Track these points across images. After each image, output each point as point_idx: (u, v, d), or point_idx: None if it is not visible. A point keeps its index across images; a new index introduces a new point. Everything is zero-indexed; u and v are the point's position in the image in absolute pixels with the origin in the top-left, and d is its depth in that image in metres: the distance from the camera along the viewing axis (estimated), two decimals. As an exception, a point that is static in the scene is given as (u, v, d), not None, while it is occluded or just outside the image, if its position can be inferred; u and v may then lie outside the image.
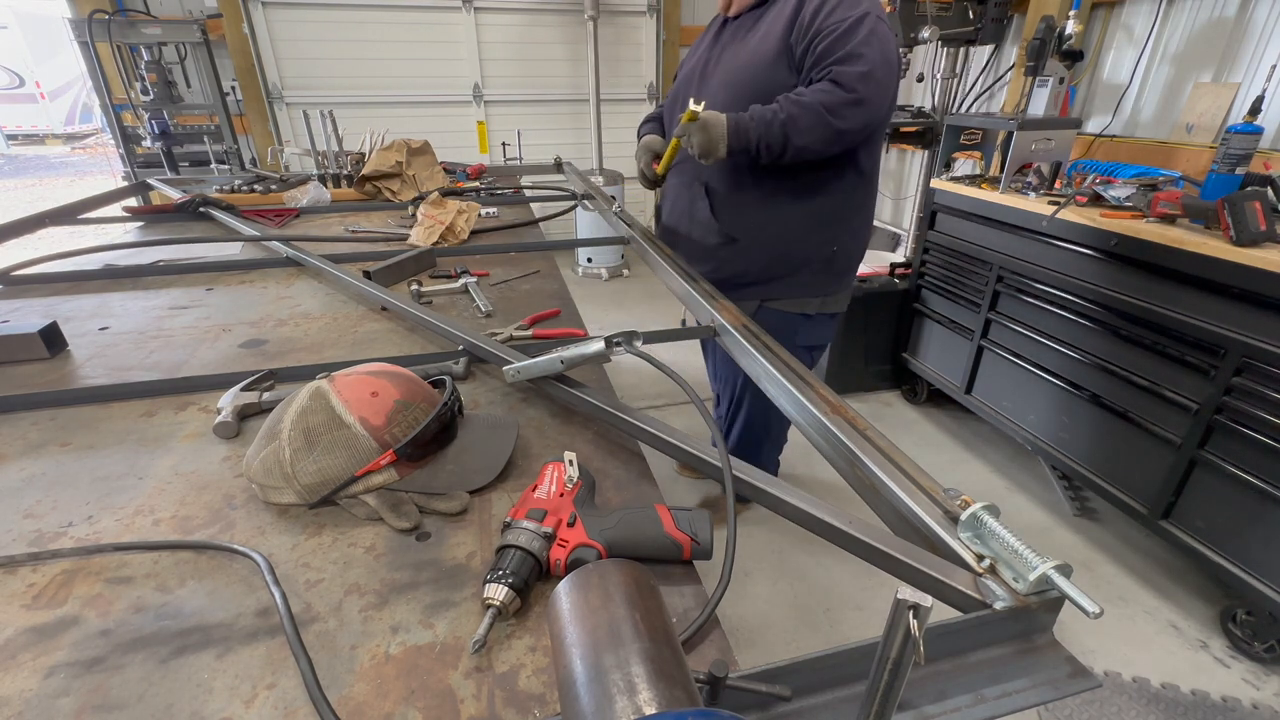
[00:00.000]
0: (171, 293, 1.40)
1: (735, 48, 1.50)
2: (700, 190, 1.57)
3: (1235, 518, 1.64)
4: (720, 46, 1.56)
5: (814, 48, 1.31)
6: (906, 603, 0.35)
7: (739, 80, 1.45)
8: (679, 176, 1.64)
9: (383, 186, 2.17)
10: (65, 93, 12.24)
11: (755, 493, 0.68)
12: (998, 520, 0.55)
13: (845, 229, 1.56)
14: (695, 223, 1.61)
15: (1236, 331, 1.59)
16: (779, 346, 0.97)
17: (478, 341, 1.02)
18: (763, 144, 1.33)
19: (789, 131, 1.30)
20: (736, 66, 1.46)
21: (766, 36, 1.40)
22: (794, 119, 1.29)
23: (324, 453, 0.70)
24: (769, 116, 1.31)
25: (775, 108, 1.31)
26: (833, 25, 1.28)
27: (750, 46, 1.45)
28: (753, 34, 1.45)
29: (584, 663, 0.38)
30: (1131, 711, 1.52)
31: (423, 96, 4.46)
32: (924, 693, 0.48)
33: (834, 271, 1.60)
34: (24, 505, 0.73)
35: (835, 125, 1.29)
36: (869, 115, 1.30)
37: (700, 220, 1.59)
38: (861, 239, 1.64)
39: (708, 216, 1.57)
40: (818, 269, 1.58)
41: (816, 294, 1.62)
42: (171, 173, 3.58)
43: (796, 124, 1.29)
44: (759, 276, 1.59)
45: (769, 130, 1.31)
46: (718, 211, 1.56)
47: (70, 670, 0.53)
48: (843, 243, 1.57)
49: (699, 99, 1.43)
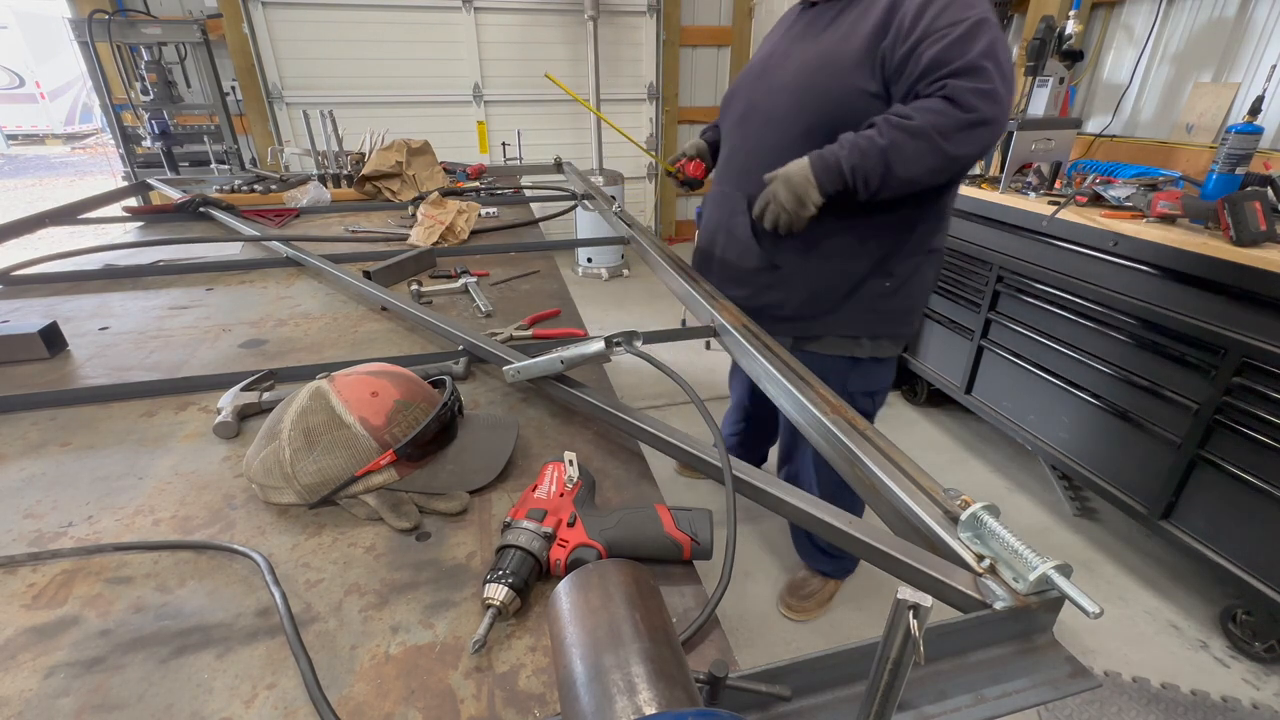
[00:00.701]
0: (171, 293, 1.40)
1: (808, 44, 1.27)
2: (741, 202, 1.36)
3: (1235, 518, 1.64)
4: (790, 40, 1.33)
5: (919, 55, 1.09)
6: (906, 603, 0.35)
7: (807, 84, 1.23)
8: (721, 183, 1.47)
9: (383, 186, 2.17)
10: (65, 93, 12.25)
11: (755, 493, 0.68)
12: (998, 520, 0.55)
13: (907, 259, 1.32)
14: (732, 240, 1.40)
15: (1236, 331, 1.58)
16: (779, 346, 0.97)
17: (478, 341, 1.02)
18: (859, 177, 1.12)
19: (892, 161, 1.09)
20: (807, 67, 1.24)
21: (849, 36, 1.18)
22: (898, 146, 1.08)
23: (324, 453, 0.70)
24: (865, 144, 1.11)
25: (873, 134, 1.11)
26: (944, 29, 1.07)
27: (826, 45, 1.22)
28: (831, 30, 1.23)
29: (584, 663, 0.38)
30: (1131, 711, 1.52)
31: (423, 96, 4.47)
32: (924, 693, 0.48)
33: (888, 310, 1.36)
34: (24, 505, 0.73)
35: (949, 152, 1.08)
36: (989, 139, 1.10)
37: (738, 238, 1.38)
38: (926, 273, 1.37)
39: (747, 234, 1.36)
40: (868, 305, 1.35)
41: (864, 335, 1.39)
42: (171, 173, 3.58)
43: (902, 152, 1.09)
44: (799, 310, 1.37)
45: (866, 160, 1.11)
46: (759, 229, 1.34)
47: (70, 670, 0.53)
48: (902, 275, 1.33)
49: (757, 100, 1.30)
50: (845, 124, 1.18)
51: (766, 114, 1.31)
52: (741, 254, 1.39)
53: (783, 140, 1.26)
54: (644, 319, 3.97)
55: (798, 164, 1.17)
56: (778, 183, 1.19)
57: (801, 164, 1.17)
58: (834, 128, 1.19)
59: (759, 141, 1.32)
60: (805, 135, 1.23)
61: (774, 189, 1.20)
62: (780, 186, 1.18)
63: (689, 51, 4.97)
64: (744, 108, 1.38)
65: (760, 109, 1.33)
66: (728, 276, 1.42)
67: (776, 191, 1.19)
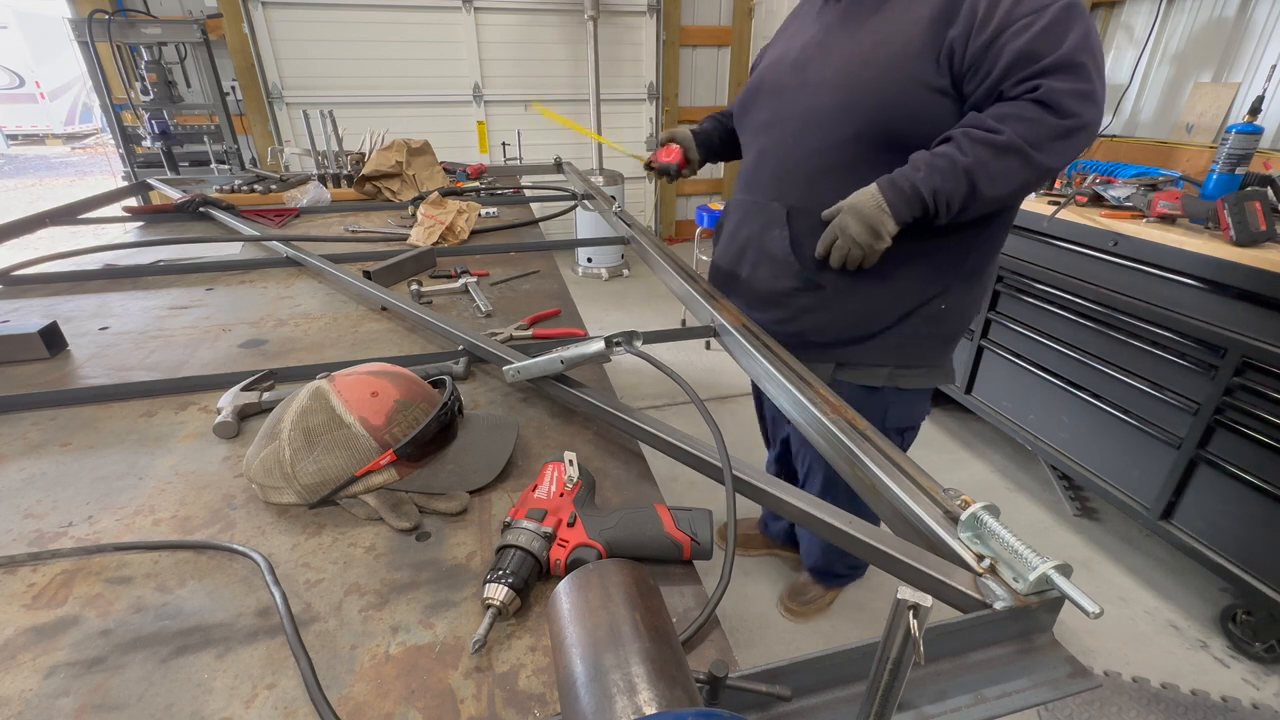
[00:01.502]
0: (171, 293, 1.40)
1: (852, 33, 1.10)
2: (779, 214, 1.19)
3: (1235, 518, 1.64)
4: (826, 28, 1.15)
5: (999, 47, 0.94)
6: (906, 603, 0.35)
7: (859, 80, 1.06)
8: (749, 192, 1.27)
9: (383, 186, 2.17)
10: (65, 93, 12.25)
11: (755, 493, 0.68)
12: (998, 520, 0.55)
13: (963, 278, 1.17)
14: (765, 257, 1.23)
15: (1236, 331, 1.58)
16: (779, 346, 0.97)
17: (478, 341, 1.02)
18: (940, 202, 0.98)
19: (978, 181, 0.95)
20: (854, 60, 1.07)
21: (904, 22, 1.02)
22: (984, 164, 0.94)
23: (324, 453, 0.70)
24: (944, 164, 0.96)
25: (952, 151, 0.96)
26: (1027, 16, 0.92)
27: (876, 33, 1.06)
28: (881, 16, 1.06)
29: (584, 663, 0.38)
30: (1131, 711, 1.52)
31: (423, 96, 4.46)
32: (924, 693, 0.48)
33: (939, 335, 1.23)
34: (24, 505, 0.73)
35: (1043, 164, 0.94)
36: (1084, 145, 0.96)
37: (773, 254, 1.21)
38: (977, 291, 1.23)
39: (785, 250, 1.19)
40: (918, 330, 1.20)
41: (913, 363, 1.24)
42: (171, 173, 3.58)
43: (989, 170, 0.94)
44: (842, 334, 1.21)
45: (947, 182, 0.96)
46: (800, 244, 1.17)
47: (70, 670, 0.53)
48: (957, 296, 1.19)
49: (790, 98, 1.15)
50: (903, 125, 1.04)
51: (804, 115, 1.14)
52: (778, 273, 1.21)
53: (827, 144, 1.11)
54: (644, 319, 3.97)
55: (865, 193, 1.02)
56: (846, 215, 1.03)
57: (870, 192, 1.01)
58: (889, 129, 1.05)
59: (797, 146, 1.16)
60: (855, 138, 1.08)
61: (843, 222, 1.04)
62: (850, 219, 1.02)
63: (689, 51, 4.97)
64: (774, 107, 1.21)
65: (796, 109, 1.16)
66: (758, 298, 1.25)
67: (846, 225, 1.03)
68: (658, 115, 5.00)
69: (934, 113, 1.02)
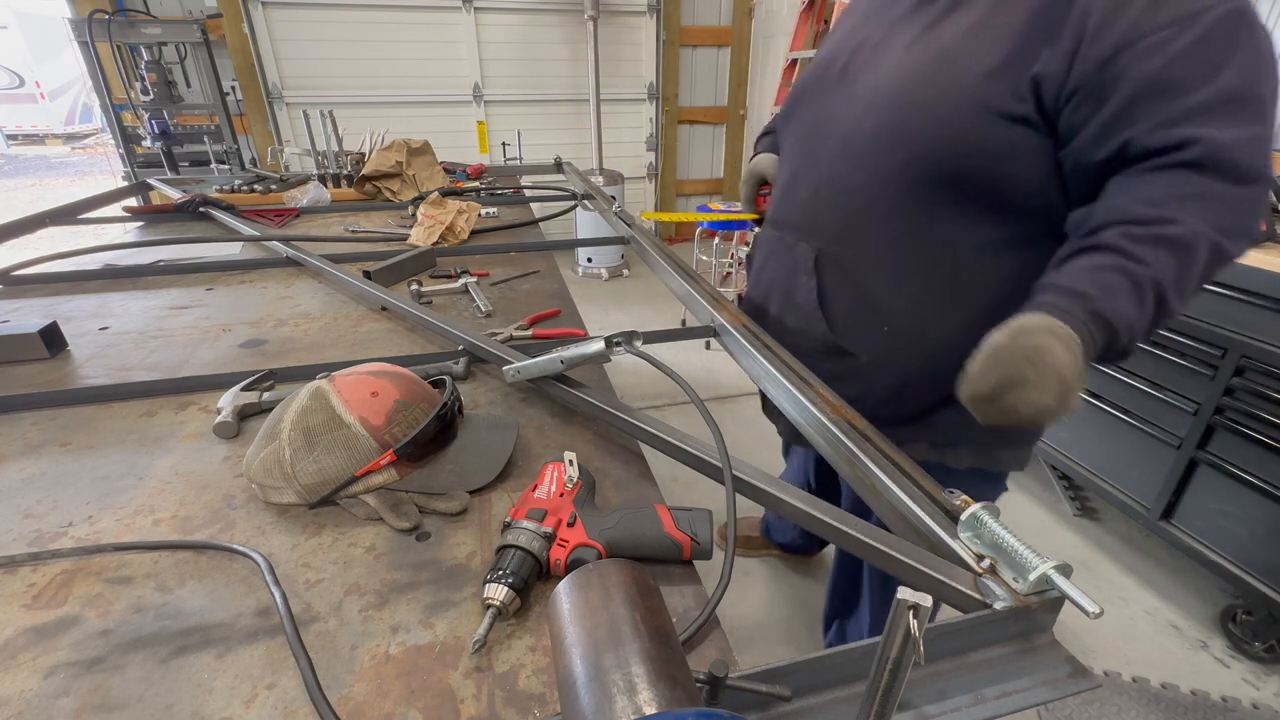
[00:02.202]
0: (171, 293, 1.40)
1: (916, 35, 0.86)
2: (807, 258, 0.97)
3: (1235, 518, 1.64)
4: (890, 24, 0.91)
5: (1122, 68, 0.68)
6: (906, 603, 0.35)
7: (912, 100, 0.83)
8: (778, 225, 1.08)
9: (383, 186, 2.17)
10: (65, 93, 12.26)
11: (755, 493, 0.68)
12: (998, 520, 0.55)
13: None
14: (791, 306, 1.03)
15: (1236, 331, 1.58)
16: (779, 346, 0.96)
17: (478, 341, 1.02)
18: (1136, 333, 0.68)
19: (1169, 297, 0.66)
20: (912, 74, 0.84)
21: (987, 27, 0.78)
22: (1176, 281, 0.66)
23: (324, 453, 0.70)
24: (1120, 280, 0.66)
25: (1128, 265, 0.66)
26: (1167, 29, 0.66)
27: (946, 40, 0.82)
28: (958, 16, 0.82)
29: (584, 663, 0.38)
30: (1131, 711, 1.52)
31: (423, 96, 4.47)
32: (924, 693, 0.48)
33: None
34: (24, 505, 0.73)
35: (1238, 252, 0.69)
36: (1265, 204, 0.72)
37: (799, 306, 1.00)
38: None
39: (811, 304, 0.98)
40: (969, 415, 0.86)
41: (976, 443, 0.97)
42: (171, 173, 3.58)
43: (1179, 279, 0.66)
44: (879, 409, 0.87)
45: (1131, 304, 0.66)
46: (829, 298, 0.96)
47: (70, 670, 0.53)
48: None
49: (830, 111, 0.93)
50: (965, 162, 0.80)
51: (846, 137, 0.91)
52: (802, 327, 1.01)
53: (868, 177, 0.88)
54: (644, 319, 3.97)
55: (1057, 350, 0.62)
56: (1036, 389, 0.62)
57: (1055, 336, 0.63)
58: (946, 166, 0.82)
59: (833, 176, 0.94)
60: (902, 174, 0.85)
61: (1034, 397, 0.63)
62: (1045, 388, 0.62)
63: (689, 51, 4.97)
64: (812, 122, 0.99)
65: (836, 128, 0.93)
66: (787, 345, 0.98)
67: (1036, 400, 0.63)
68: (658, 115, 5.01)
69: (1010, 149, 0.77)
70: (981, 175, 0.81)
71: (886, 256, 0.90)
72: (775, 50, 4.53)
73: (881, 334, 0.93)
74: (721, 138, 5.35)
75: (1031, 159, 0.78)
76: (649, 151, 5.15)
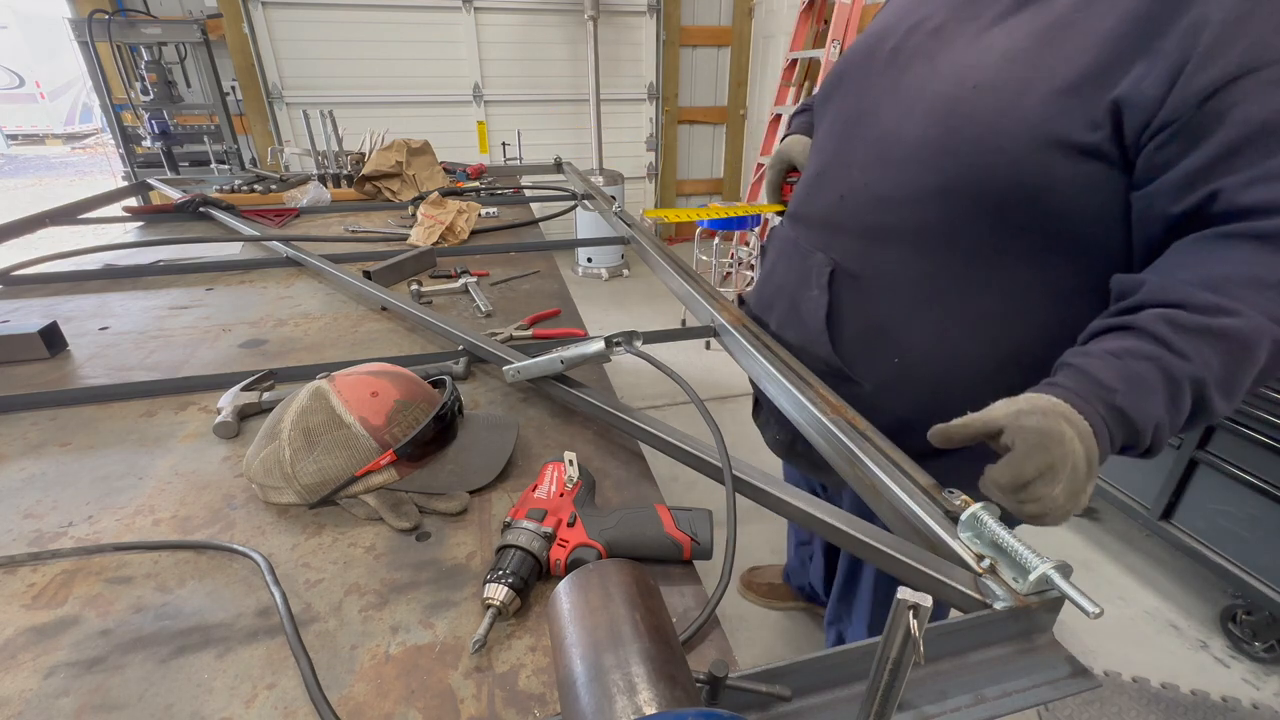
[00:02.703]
0: (171, 293, 1.40)
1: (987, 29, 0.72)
2: (822, 269, 0.88)
3: (1235, 518, 1.64)
4: (952, 6, 0.77)
5: (1228, 105, 0.55)
6: (906, 603, 0.35)
7: (963, 113, 0.71)
8: (796, 221, 0.97)
9: (383, 186, 2.17)
10: (65, 93, 12.26)
11: (755, 493, 0.68)
12: (997, 520, 0.55)
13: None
14: (795, 319, 0.94)
15: (1236, 331, 1.58)
16: (779, 346, 0.96)
17: (478, 341, 1.02)
18: (1161, 435, 0.58)
19: (1211, 397, 0.58)
20: (969, 78, 0.71)
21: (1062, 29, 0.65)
22: (1224, 381, 0.57)
23: (324, 453, 0.70)
24: (1157, 378, 0.56)
25: (1165, 357, 0.56)
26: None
27: (1015, 41, 0.68)
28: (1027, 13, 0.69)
29: (584, 663, 0.38)
30: (1131, 711, 1.52)
31: (423, 96, 4.46)
32: (924, 693, 0.48)
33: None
34: (24, 505, 0.73)
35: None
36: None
37: (805, 321, 0.92)
38: None
39: (819, 322, 0.89)
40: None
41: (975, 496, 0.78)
42: (171, 173, 3.58)
43: (1229, 386, 0.58)
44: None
45: (1161, 402, 0.57)
46: (840, 319, 0.88)
47: (70, 670, 0.53)
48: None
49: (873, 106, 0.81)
50: (1010, 195, 0.69)
51: (881, 141, 0.80)
52: (806, 341, 0.92)
53: (900, 192, 0.78)
54: (644, 319, 3.97)
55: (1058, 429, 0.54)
56: (1046, 483, 0.54)
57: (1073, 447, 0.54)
58: (988, 196, 0.70)
59: (864, 184, 0.82)
60: (938, 196, 0.74)
61: (1044, 492, 0.54)
62: (1058, 483, 0.54)
63: (689, 51, 4.97)
64: (851, 112, 0.87)
65: (873, 126, 0.82)
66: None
67: (1047, 496, 0.54)
68: (658, 115, 5.01)
69: (1072, 185, 0.65)
70: (1033, 210, 0.69)
71: (907, 283, 0.80)
72: (775, 50, 4.53)
73: (890, 365, 0.85)
74: (721, 138, 5.36)
75: (1096, 198, 0.65)
76: (649, 151, 5.16)
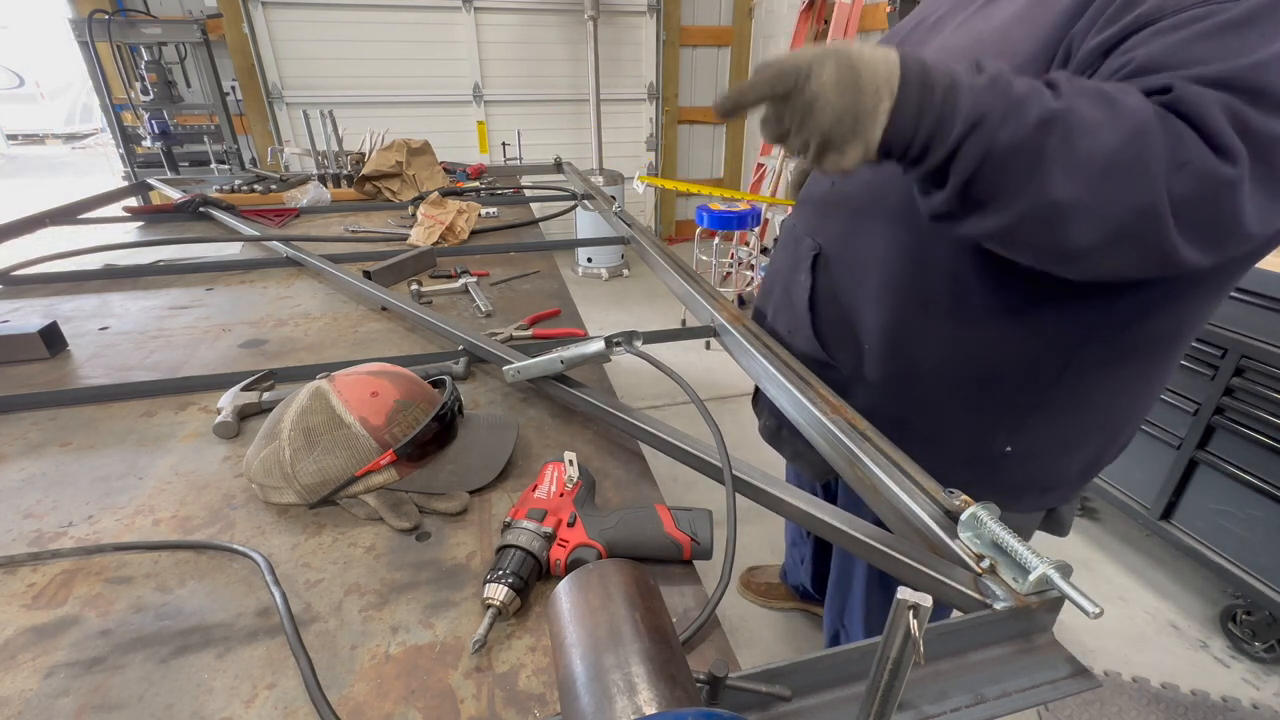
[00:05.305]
0: (171, 293, 1.40)
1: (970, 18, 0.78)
2: (807, 254, 0.89)
3: (1235, 518, 1.64)
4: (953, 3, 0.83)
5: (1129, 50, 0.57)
6: (906, 603, 0.35)
7: None
8: (798, 210, 0.98)
9: (383, 186, 2.17)
10: (65, 93, 12.23)
11: (755, 493, 0.68)
12: (997, 520, 0.55)
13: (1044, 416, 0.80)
14: (786, 305, 0.95)
15: (1236, 331, 1.58)
16: (779, 346, 0.96)
17: (478, 341, 1.02)
18: (976, 148, 0.54)
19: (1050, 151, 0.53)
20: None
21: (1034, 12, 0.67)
22: (1083, 123, 0.52)
23: (324, 453, 0.70)
24: (1019, 93, 0.53)
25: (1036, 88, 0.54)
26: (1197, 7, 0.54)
27: (994, 23, 0.72)
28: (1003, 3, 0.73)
29: (584, 663, 0.38)
30: (1131, 711, 1.52)
31: (423, 96, 4.46)
32: (924, 693, 0.48)
33: (1000, 484, 0.84)
34: (24, 505, 0.73)
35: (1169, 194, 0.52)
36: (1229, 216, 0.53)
37: (793, 305, 0.93)
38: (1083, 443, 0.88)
39: (804, 306, 0.90)
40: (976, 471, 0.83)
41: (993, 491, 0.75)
42: (171, 172, 3.58)
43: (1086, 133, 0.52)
44: None
45: (1010, 121, 0.53)
46: (819, 305, 0.89)
47: (70, 670, 0.53)
48: (1033, 437, 0.82)
49: None
50: None
51: None
52: (793, 330, 0.93)
53: (874, 177, 0.80)
54: (644, 319, 3.97)
55: (876, 58, 0.54)
56: (828, 64, 0.54)
57: (883, 61, 0.54)
58: None
59: None
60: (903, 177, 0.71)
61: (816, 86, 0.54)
62: (829, 82, 0.54)
63: (689, 51, 4.97)
64: None
65: None
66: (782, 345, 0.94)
67: (821, 92, 0.54)
68: (658, 115, 5.01)
69: None
70: None
71: (875, 267, 0.82)
72: (775, 50, 4.53)
73: (861, 351, 0.87)
74: (721, 138, 5.36)
75: None
76: (649, 151, 5.15)
